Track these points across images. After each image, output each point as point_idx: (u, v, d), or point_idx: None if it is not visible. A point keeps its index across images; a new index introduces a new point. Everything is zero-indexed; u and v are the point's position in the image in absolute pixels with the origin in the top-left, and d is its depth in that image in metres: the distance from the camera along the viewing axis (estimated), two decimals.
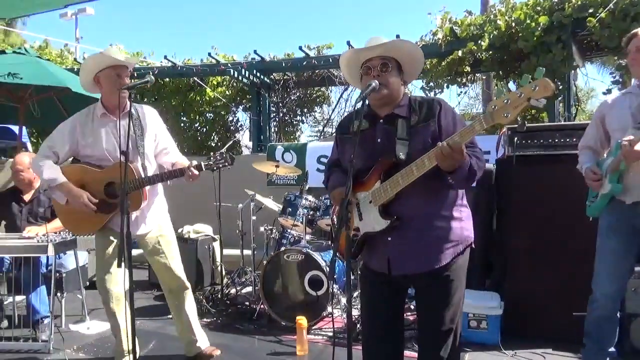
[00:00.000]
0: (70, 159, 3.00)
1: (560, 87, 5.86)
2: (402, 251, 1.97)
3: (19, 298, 3.80)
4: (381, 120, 2.03)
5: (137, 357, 2.54)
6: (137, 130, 2.86)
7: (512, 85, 6.64)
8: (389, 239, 1.98)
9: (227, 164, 2.86)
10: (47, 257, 3.49)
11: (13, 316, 3.64)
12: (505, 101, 1.64)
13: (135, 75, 7.71)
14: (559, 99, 6.01)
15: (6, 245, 3.38)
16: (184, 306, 3.15)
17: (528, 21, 5.65)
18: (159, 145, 3.02)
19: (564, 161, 3.37)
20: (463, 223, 2.01)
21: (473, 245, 2.05)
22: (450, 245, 1.96)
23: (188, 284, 3.18)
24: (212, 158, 2.86)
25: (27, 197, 3.94)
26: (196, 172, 2.78)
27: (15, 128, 6.69)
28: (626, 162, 2.41)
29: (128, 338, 2.63)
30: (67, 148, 2.90)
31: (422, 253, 1.95)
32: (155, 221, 3.04)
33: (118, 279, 2.93)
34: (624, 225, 2.55)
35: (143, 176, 2.82)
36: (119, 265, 2.29)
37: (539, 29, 5.55)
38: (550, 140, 3.47)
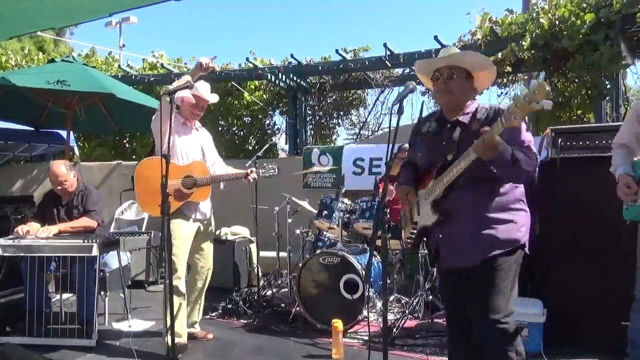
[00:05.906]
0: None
1: (609, 86, 5.61)
2: (447, 246, 2.17)
3: (66, 295, 3.95)
4: (448, 125, 2.19)
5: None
6: (203, 141, 3.60)
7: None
8: (440, 235, 2.19)
9: (275, 173, 3.64)
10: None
11: (60, 313, 3.79)
12: (515, 104, 1.74)
13: (176, 80, 7.92)
14: (607, 98, 5.76)
15: (52, 244, 3.54)
16: (205, 286, 3.66)
17: (573, 19, 5.45)
18: (211, 158, 3.65)
19: (610, 163, 3.22)
20: (513, 225, 2.08)
21: (525, 249, 2.11)
22: (492, 245, 2.05)
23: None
24: (265, 167, 3.63)
25: (64, 199, 4.09)
26: (255, 175, 3.55)
27: (63, 133, 6.97)
28: None
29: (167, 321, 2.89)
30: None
31: (463, 249, 2.10)
32: (211, 211, 3.67)
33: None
34: None
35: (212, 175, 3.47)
36: (159, 265, 2.40)
37: (585, 26, 5.34)
38: (596, 142, 3.31)
